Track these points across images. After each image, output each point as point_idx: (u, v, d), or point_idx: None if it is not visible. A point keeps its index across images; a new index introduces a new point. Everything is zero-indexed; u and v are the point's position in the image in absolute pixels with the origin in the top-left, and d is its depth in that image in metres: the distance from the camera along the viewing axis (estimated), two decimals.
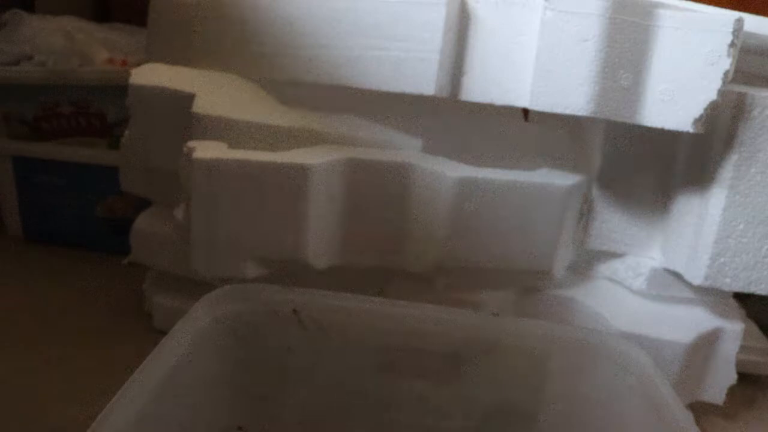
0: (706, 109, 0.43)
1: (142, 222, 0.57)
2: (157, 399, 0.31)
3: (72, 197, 0.70)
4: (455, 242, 0.48)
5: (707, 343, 0.51)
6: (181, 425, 0.35)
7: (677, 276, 0.50)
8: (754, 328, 0.62)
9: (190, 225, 0.47)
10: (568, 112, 0.45)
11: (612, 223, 0.53)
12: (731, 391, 0.53)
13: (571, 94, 0.44)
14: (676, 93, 0.44)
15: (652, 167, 0.51)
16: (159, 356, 0.33)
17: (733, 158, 0.46)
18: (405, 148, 0.50)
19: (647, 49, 0.43)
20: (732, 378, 0.52)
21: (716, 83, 0.43)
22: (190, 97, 0.51)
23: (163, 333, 0.36)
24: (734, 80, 0.45)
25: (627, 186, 0.52)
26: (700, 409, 0.54)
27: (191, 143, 0.47)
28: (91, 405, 0.29)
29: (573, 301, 0.53)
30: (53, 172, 0.70)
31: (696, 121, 0.43)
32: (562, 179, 0.49)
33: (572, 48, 0.43)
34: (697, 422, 0.37)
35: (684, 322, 0.51)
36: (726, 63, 0.42)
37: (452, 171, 0.47)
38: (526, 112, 0.54)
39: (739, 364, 0.52)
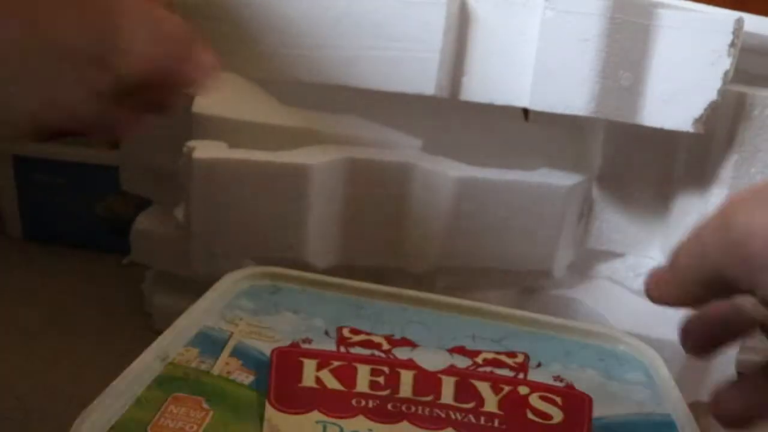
0: (706, 109, 0.43)
1: (142, 222, 0.57)
2: None
3: (72, 197, 0.70)
4: (455, 242, 0.48)
5: None
6: None
7: None
8: None
9: (190, 225, 0.47)
10: (568, 112, 0.45)
11: (612, 223, 0.53)
12: None
13: (571, 94, 0.44)
14: (676, 93, 0.44)
15: (652, 167, 0.51)
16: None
17: (733, 158, 0.46)
18: (405, 148, 0.50)
19: (647, 49, 0.43)
20: (732, 378, 0.52)
21: (716, 83, 0.43)
22: (190, 97, 0.51)
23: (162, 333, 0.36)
24: (734, 80, 0.45)
25: (627, 186, 0.52)
26: (700, 409, 0.53)
27: (191, 143, 0.47)
28: (90, 404, 0.29)
29: (573, 301, 0.53)
30: (53, 172, 0.70)
31: (696, 121, 0.43)
32: (562, 179, 0.49)
33: (572, 48, 0.43)
34: (697, 422, 0.37)
35: None
36: (726, 63, 0.42)
37: (452, 171, 0.47)
38: (526, 112, 0.54)
39: (739, 364, 0.52)
